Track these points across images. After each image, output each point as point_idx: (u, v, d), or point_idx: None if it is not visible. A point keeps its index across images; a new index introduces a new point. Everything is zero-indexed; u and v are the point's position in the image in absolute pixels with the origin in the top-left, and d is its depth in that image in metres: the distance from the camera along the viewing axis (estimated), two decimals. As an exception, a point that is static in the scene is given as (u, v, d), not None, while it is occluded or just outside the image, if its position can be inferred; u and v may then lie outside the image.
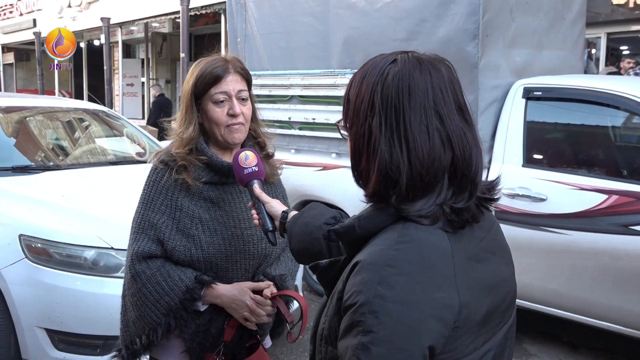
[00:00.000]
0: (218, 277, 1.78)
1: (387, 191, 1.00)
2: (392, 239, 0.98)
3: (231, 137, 1.78)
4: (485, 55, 3.86)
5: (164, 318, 1.72)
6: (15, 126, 4.62)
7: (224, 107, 1.75)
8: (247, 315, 1.74)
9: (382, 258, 0.96)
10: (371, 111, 1.02)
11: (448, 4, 3.91)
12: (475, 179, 1.03)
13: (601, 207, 3.37)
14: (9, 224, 3.23)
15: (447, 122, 1.00)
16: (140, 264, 1.74)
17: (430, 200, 0.99)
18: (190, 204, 1.76)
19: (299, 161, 4.92)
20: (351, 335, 0.94)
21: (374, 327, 0.91)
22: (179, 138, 1.78)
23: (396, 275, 0.93)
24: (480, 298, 1.00)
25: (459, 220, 1.00)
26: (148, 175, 1.82)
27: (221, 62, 1.77)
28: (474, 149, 1.03)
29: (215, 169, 1.79)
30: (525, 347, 3.97)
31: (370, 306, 0.91)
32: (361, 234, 1.03)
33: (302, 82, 4.87)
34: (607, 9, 9.88)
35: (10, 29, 18.52)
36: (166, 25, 15.26)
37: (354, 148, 1.06)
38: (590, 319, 3.56)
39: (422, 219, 0.98)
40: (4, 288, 3.06)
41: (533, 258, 3.65)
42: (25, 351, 3.06)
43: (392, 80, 1.01)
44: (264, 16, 5.18)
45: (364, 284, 0.94)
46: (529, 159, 3.80)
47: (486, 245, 1.08)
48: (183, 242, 1.73)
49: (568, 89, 3.88)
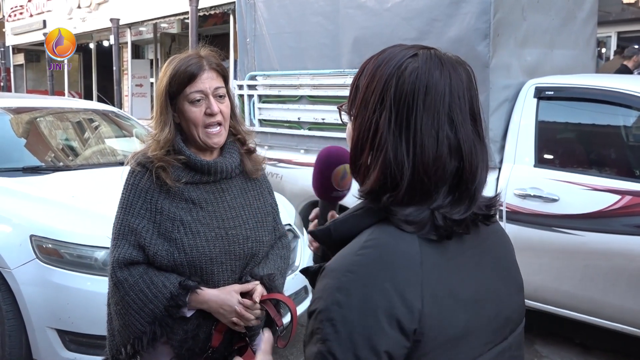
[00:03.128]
0: (203, 281, 1.72)
1: (384, 190, 0.95)
2: (358, 244, 0.94)
3: (210, 141, 1.73)
4: (497, 55, 3.84)
5: (149, 326, 1.68)
6: (25, 127, 4.64)
7: (201, 106, 1.70)
8: (235, 320, 1.70)
9: (344, 263, 0.92)
10: (381, 104, 0.95)
11: (459, 3, 3.89)
12: (476, 194, 0.97)
13: (614, 208, 3.33)
14: (20, 225, 3.23)
15: (459, 131, 0.94)
16: (122, 272, 1.69)
17: (422, 207, 0.94)
18: (170, 206, 1.71)
19: (309, 162, 4.91)
20: (311, 342, 0.91)
21: (329, 335, 0.88)
22: (155, 141, 1.72)
23: (354, 281, 0.90)
24: (455, 310, 0.94)
25: (446, 228, 0.94)
26: (126, 179, 1.77)
27: (195, 59, 1.71)
28: (480, 163, 0.97)
29: (195, 169, 1.74)
30: (537, 348, 3.94)
31: (328, 313, 0.89)
32: (337, 237, 1.00)
33: (311, 82, 4.87)
34: (618, 8, 9.83)
35: (21, 30, 18.62)
36: (175, 26, 15.29)
37: (357, 140, 0.99)
38: (603, 321, 3.52)
39: (405, 225, 0.93)
40: (15, 288, 3.07)
41: (545, 259, 3.62)
42: (36, 351, 3.07)
43: (409, 75, 0.94)
44: (273, 16, 5.18)
45: (325, 290, 0.92)
46: (540, 159, 3.77)
47: (479, 259, 1.02)
48: (165, 247, 1.68)
49: (580, 89, 3.85)
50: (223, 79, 1.76)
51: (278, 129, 5.18)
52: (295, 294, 3.74)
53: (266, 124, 5.28)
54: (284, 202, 3.83)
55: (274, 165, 5.11)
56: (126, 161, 1.80)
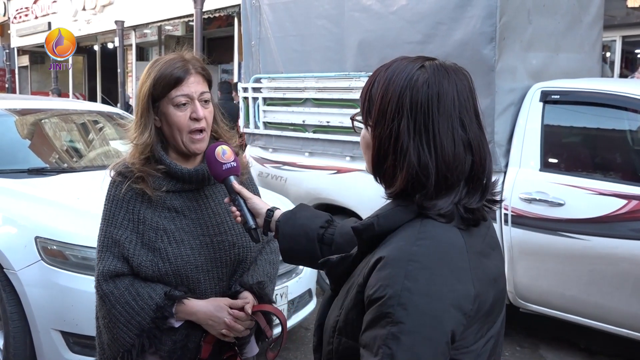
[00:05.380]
0: (190, 290, 1.69)
1: (414, 190, 1.07)
2: (413, 236, 1.05)
3: (194, 147, 1.69)
4: (502, 58, 3.83)
5: (137, 339, 1.65)
6: (30, 128, 4.64)
7: (186, 110, 1.65)
8: (224, 332, 1.67)
9: (406, 254, 1.02)
10: (398, 114, 1.07)
11: (465, 7, 3.87)
12: (487, 183, 1.12)
13: (620, 213, 3.32)
14: (25, 226, 3.24)
15: (469, 130, 1.08)
16: (107, 284, 1.66)
17: (449, 199, 1.07)
18: (153, 216, 1.67)
19: (313, 164, 4.91)
20: (379, 326, 0.99)
21: (402, 318, 0.97)
22: (134, 145, 1.68)
23: (420, 270, 1.00)
24: (488, 290, 1.08)
25: (472, 218, 1.09)
26: (107, 190, 1.73)
27: (181, 63, 1.66)
28: (487, 155, 1.12)
29: (176, 177, 1.70)
30: (542, 353, 3.93)
31: (399, 299, 0.98)
32: (379, 231, 1.10)
33: (316, 84, 4.86)
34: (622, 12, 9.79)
35: (26, 32, 18.69)
36: (179, 29, 15.32)
37: (379, 147, 1.10)
38: (608, 326, 3.51)
39: (440, 217, 1.06)
40: (20, 290, 3.07)
41: (550, 263, 3.61)
42: (40, 353, 3.06)
43: (421, 86, 1.07)
44: (278, 19, 5.18)
45: (390, 278, 1.00)
46: (546, 163, 3.76)
47: (489, 241, 1.17)
48: (149, 257, 1.65)
49: (586, 93, 3.84)
50: (208, 84, 1.72)
51: (282, 132, 5.17)
52: (299, 297, 3.73)
53: (271, 126, 5.28)
54: (287, 205, 3.82)
55: (278, 168, 5.10)
56: (107, 171, 1.76)
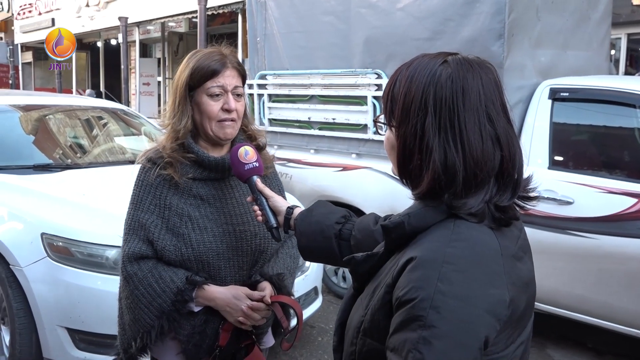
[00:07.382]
0: (211, 276, 1.74)
1: (442, 189, 1.02)
2: (447, 237, 1.00)
3: (222, 132, 1.75)
4: (511, 55, 3.80)
5: (157, 320, 1.70)
6: (35, 124, 4.63)
7: (219, 101, 1.72)
8: (241, 320, 1.71)
9: (439, 255, 0.97)
10: (423, 111, 1.03)
11: (473, 3, 3.85)
12: (519, 179, 1.07)
13: (630, 211, 3.29)
14: (31, 223, 3.22)
15: (497, 124, 1.04)
16: (132, 266, 1.72)
17: (479, 198, 1.02)
18: (179, 202, 1.73)
19: (319, 161, 4.88)
20: (409, 329, 0.94)
21: (435, 322, 0.92)
22: (173, 130, 1.75)
23: (454, 272, 0.95)
24: (520, 295, 1.03)
25: (505, 218, 1.04)
26: (137, 175, 1.79)
27: (219, 56, 1.74)
28: (517, 149, 1.06)
29: (203, 165, 1.76)
30: (549, 352, 3.90)
31: (432, 302, 0.93)
32: (409, 230, 1.05)
33: (322, 81, 4.83)
34: (628, 10, 9.75)
35: (29, 28, 18.68)
36: (183, 25, 15.31)
37: (404, 147, 1.06)
38: (616, 325, 3.48)
39: (470, 217, 1.01)
40: (26, 286, 3.06)
41: (559, 262, 3.58)
42: (46, 350, 3.05)
43: (445, 81, 1.03)
44: (284, 15, 5.15)
45: (423, 280, 0.95)
46: (554, 161, 3.73)
47: (521, 244, 1.11)
48: (173, 242, 1.70)
49: (595, 90, 3.81)
50: (242, 79, 1.80)
51: (288, 129, 5.15)
52: (305, 294, 3.71)
53: (276, 123, 5.25)
54: (294, 202, 3.80)
55: (284, 165, 5.08)
56: (137, 158, 1.82)
